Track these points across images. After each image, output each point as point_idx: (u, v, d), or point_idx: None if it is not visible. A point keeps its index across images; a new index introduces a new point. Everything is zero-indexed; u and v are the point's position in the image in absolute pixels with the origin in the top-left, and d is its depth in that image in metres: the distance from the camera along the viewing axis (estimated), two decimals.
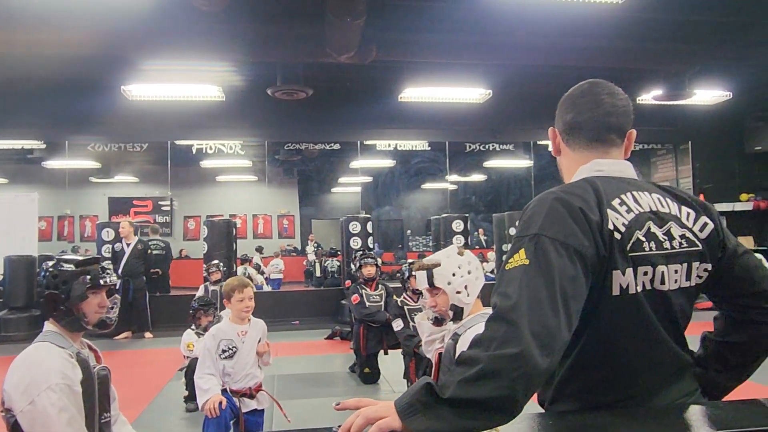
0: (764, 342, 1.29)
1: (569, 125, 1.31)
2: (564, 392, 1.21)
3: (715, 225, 1.24)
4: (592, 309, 1.13)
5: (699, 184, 10.96)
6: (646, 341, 1.17)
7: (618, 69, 7.92)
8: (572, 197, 1.15)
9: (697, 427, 1.06)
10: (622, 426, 1.03)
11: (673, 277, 1.18)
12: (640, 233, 1.16)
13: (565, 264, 1.06)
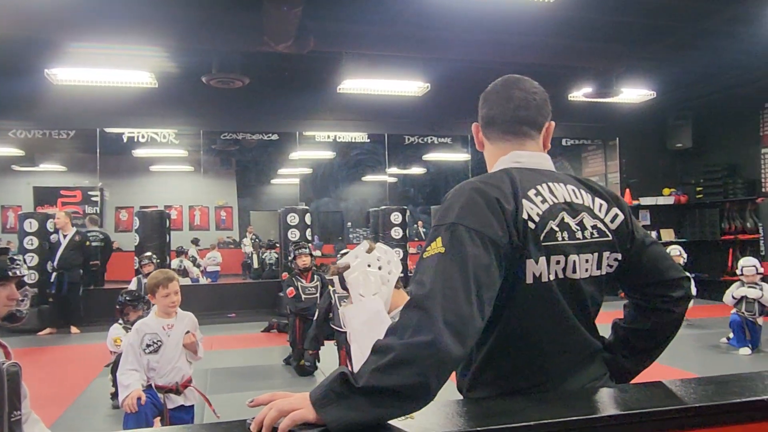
0: (668, 328, 1.37)
1: (485, 119, 1.36)
2: (481, 379, 1.24)
3: (625, 216, 1.29)
4: (507, 297, 1.16)
5: (625, 178, 11.45)
6: (558, 328, 1.21)
7: (552, 66, 8.16)
8: (489, 188, 1.17)
9: (603, 408, 1.11)
10: (533, 410, 1.07)
11: (584, 266, 1.23)
12: (554, 223, 1.20)
13: (480, 253, 1.08)
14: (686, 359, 6.24)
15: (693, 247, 10.59)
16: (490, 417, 1.05)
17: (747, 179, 9.94)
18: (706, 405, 1.14)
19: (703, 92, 10.08)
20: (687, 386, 1.26)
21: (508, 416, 1.04)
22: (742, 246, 9.95)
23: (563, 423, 1.03)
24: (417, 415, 1.01)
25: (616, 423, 1.07)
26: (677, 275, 1.35)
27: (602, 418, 1.06)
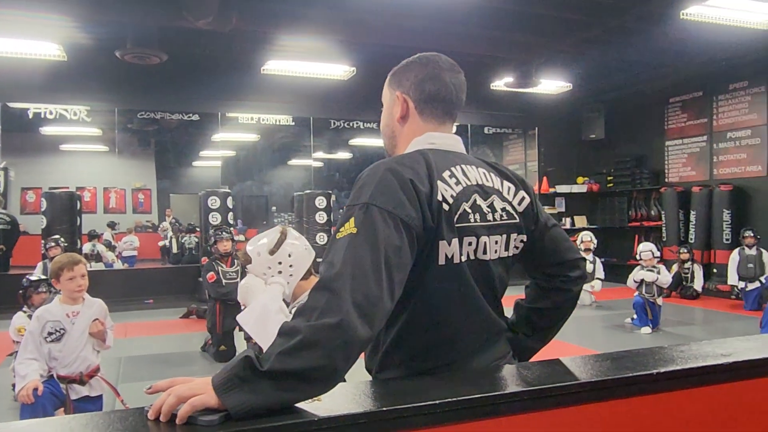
0: (566, 307, 1.43)
1: (431, 96, 1.31)
2: (390, 360, 1.25)
3: (531, 199, 1.33)
4: (419, 278, 1.18)
5: (543, 167, 11.91)
6: (467, 309, 1.24)
7: (475, 55, 8.32)
8: (404, 168, 1.17)
9: (507, 386, 1.14)
10: (438, 389, 1.09)
11: (493, 247, 1.26)
12: (467, 205, 1.22)
13: (392, 234, 1.09)
14: (594, 338, 6.61)
15: (603, 233, 11.21)
16: (396, 397, 1.06)
17: (653, 170, 10.57)
18: (601, 380, 1.20)
19: (615, 86, 10.59)
20: (585, 363, 1.32)
21: (413, 396, 1.05)
22: (647, 232, 10.60)
23: (467, 401, 1.06)
24: (324, 397, 1.01)
25: (518, 399, 1.11)
26: (575, 256, 1.42)
27: (505, 395, 1.10)
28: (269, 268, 2.04)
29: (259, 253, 2.06)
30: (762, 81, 8.75)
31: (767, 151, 8.69)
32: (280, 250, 2.06)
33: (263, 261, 2.04)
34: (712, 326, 7.25)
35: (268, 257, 2.04)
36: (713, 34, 7.11)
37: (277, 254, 2.05)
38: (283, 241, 2.09)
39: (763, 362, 1.37)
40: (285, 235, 2.13)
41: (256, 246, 2.09)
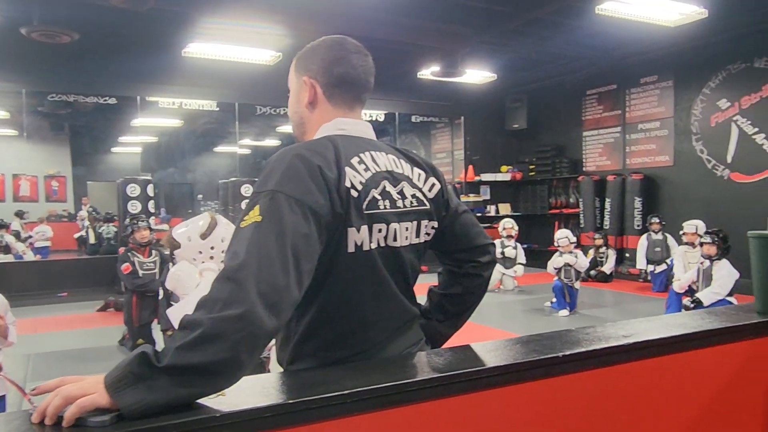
0: (477, 292, 1.46)
1: (339, 80, 1.28)
2: (302, 351, 1.23)
3: (442, 185, 1.34)
4: (328, 267, 1.16)
5: (469, 155, 12.15)
6: (378, 296, 1.23)
7: (402, 43, 8.34)
8: (312, 154, 1.14)
9: (417, 373, 1.15)
10: (349, 379, 1.08)
11: (404, 234, 1.25)
12: (376, 192, 1.21)
13: (299, 222, 1.06)
14: (516, 322, 6.84)
15: (526, 220, 11.59)
16: (304, 388, 1.04)
17: (571, 159, 11.01)
18: (510, 363, 1.23)
19: (536, 77, 10.93)
20: (495, 348, 1.35)
21: (322, 386, 1.04)
22: (566, 219, 11.05)
23: (377, 390, 1.06)
24: (229, 391, 0.98)
25: (428, 386, 1.12)
26: (485, 241, 1.44)
27: (415, 383, 1.10)
28: (200, 252, 1.99)
29: (189, 238, 2.00)
30: (670, 75, 9.26)
31: (674, 142, 9.24)
32: (213, 235, 2.01)
33: (194, 246, 1.98)
34: (622, 307, 7.66)
35: (200, 242, 1.98)
36: (626, 29, 7.45)
37: (210, 239, 2.00)
38: (215, 226, 2.04)
39: (660, 342, 1.45)
40: (216, 222, 2.08)
41: (186, 230, 2.03)
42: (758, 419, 1.64)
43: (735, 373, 1.61)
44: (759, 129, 8.09)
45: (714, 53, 8.48)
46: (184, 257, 1.99)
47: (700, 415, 1.54)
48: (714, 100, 8.63)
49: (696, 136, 8.90)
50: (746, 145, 8.24)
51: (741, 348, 1.61)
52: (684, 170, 9.08)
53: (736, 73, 8.33)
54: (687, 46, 8.55)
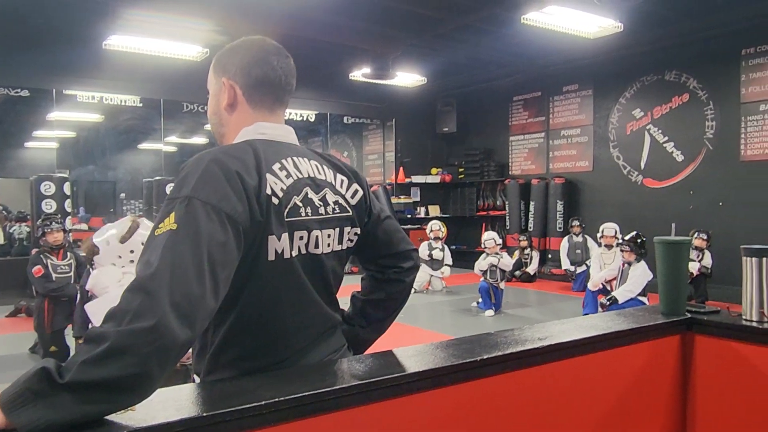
0: (399, 298, 1.47)
1: (260, 81, 1.25)
2: (219, 361, 1.20)
3: (364, 192, 1.34)
4: (247, 275, 1.13)
5: (400, 158, 12.26)
6: (299, 304, 1.22)
7: (334, 44, 8.32)
8: (231, 159, 1.11)
9: (335, 380, 1.14)
10: (266, 389, 1.06)
11: (326, 241, 1.24)
12: (298, 198, 1.19)
13: (216, 229, 1.03)
14: (443, 322, 6.96)
15: (455, 222, 11.83)
16: (219, 400, 1.01)
17: (499, 163, 11.32)
18: (430, 369, 1.25)
19: (466, 82, 11.18)
20: (417, 353, 1.37)
21: (239, 397, 1.02)
22: (493, 221, 11.35)
23: (295, 399, 1.04)
24: (139, 405, 0.94)
25: (349, 393, 1.12)
26: (407, 247, 1.45)
27: (335, 390, 1.10)
28: (119, 257, 1.91)
29: (108, 242, 1.92)
30: (589, 85, 9.71)
31: (593, 149, 9.68)
32: (132, 239, 1.94)
33: (113, 250, 1.91)
34: (545, 307, 7.95)
35: (118, 246, 1.91)
36: (550, 39, 7.74)
37: (129, 242, 1.93)
38: (135, 229, 1.97)
39: (573, 344, 1.52)
40: (137, 225, 2.01)
41: (105, 236, 1.95)
42: (662, 412, 1.74)
43: (642, 370, 1.70)
44: (669, 138, 8.62)
45: (629, 65, 8.96)
46: (103, 262, 1.91)
47: (611, 411, 1.62)
48: (629, 110, 9.12)
49: (613, 143, 9.37)
50: (658, 153, 8.74)
51: (647, 347, 1.70)
52: (602, 175, 9.53)
53: (649, 84, 8.83)
54: (605, 58, 8.99)
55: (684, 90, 8.40)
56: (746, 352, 1.61)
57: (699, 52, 8.15)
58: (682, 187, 8.45)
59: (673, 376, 1.74)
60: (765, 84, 7.52)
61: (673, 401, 1.74)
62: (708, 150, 8.15)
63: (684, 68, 8.37)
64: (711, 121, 8.11)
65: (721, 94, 7.98)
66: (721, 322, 1.67)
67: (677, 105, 8.49)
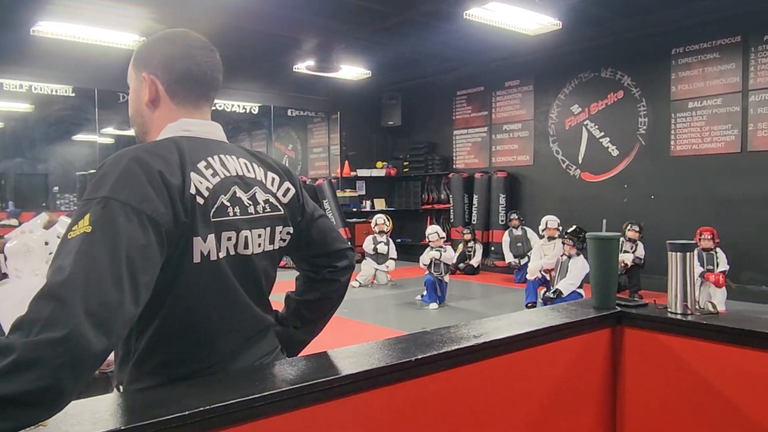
0: (334, 297, 1.45)
1: (183, 76, 1.20)
2: (142, 370, 1.14)
3: (297, 190, 1.30)
4: (171, 278, 1.08)
5: (345, 151, 12.21)
6: (227, 307, 1.18)
7: (278, 36, 8.18)
8: (153, 158, 1.06)
9: (265, 386, 1.11)
10: (191, 397, 1.02)
11: (256, 241, 1.21)
12: (225, 198, 1.15)
13: (135, 232, 0.98)
14: (388, 317, 6.99)
15: (400, 215, 11.89)
16: (141, 411, 0.97)
17: (443, 156, 11.43)
18: (364, 370, 1.23)
19: (410, 76, 11.22)
20: (351, 354, 1.35)
21: (162, 408, 0.97)
22: (438, 214, 11.47)
23: (222, 407, 1.01)
24: (53, 420, 0.88)
25: (279, 399, 1.09)
26: (342, 246, 1.43)
27: (264, 396, 1.07)
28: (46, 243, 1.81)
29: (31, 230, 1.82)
30: (530, 80, 9.92)
31: (533, 143, 9.91)
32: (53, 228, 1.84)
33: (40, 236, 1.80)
34: (489, 299, 8.10)
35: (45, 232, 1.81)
36: (492, 35, 7.85)
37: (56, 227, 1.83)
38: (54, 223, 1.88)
39: (508, 340, 1.53)
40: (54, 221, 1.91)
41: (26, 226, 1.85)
42: (593, 403, 1.79)
43: (575, 363, 1.74)
44: (605, 133, 8.91)
45: (568, 62, 9.20)
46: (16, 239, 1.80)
47: (545, 404, 1.65)
48: (568, 105, 9.37)
49: (552, 138, 9.61)
50: (594, 148, 9.03)
51: (580, 341, 1.74)
52: (542, 169, 9.77)
53: (586, 81, 9.10)
54: (545, 54, 9.20)
55: (619, 87, 8.69)
56: (671, 343, 1.67)
57: (633, 50, 8.45)
58: (617, 181, 8.76)
59: (604, 368, 1.79)
60: (693, 83, 7.88)
61: (603, 392, 1.79)
62: (641, 145, 8.48)
63: (619, 66, 8.67)
64: (644, 117, 8.43)
65: (652, 92, 8.31)
66: (648, 315, 1.73)
67: (612, 102, 8.79)
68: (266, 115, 12.36)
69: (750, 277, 7.25)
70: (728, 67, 7.54)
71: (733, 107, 7.50)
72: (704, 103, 7.78)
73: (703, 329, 1.61)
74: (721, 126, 7.62)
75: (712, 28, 7.61)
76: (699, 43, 7.78)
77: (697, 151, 7.86)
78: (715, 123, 7.68)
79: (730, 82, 7.53)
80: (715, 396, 1.58)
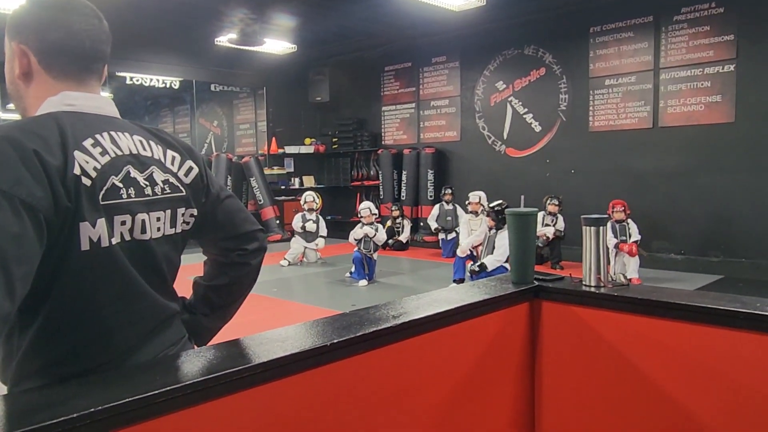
0: (245, 282, 1.37)
1: (56, 47, 1.08)
2: (28, 369, 1.04)
3: (200, 169, 1.22)
4: (55, 269, 0.98)
5: (272, 127, 11.93)
6: (123, 297, 1.09)
7: (199, 8, 7.81)
8: (27, 136, 0.95)
9: (167, 380, 1.03)
10: (81, 397, 0.93)
11: (155, 225, 1.12)
12: (117, 179, 1.05)
13: (7, 219, 0.88)
14: (318, 295, 6.94)
15: (329, 192, 11.79)
16: (25, 416, 0.87)
17: (372, 133, 11.39)
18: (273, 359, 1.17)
19: (338, 51, 11.04)
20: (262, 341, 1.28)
21: (48, 411, 0.88)
22: (368, 191, 11.46)
23: (115, 407, 0.93)
24: None
25: (182, 393, 1.02)
26: (252, 228, 1.35)
27: (165, 393, 0.99)
28: None
29: None
30: (456, 57, 9.98)
31: (460, 119, 10.02)
32: None
33: None
34: (417, 274, 8.20)
35: None
36: (419, 10, 7.81)
37: None
38: None
39: (428, 319, 1.52)
40: None
41: None
42: (513, 377, 1.82)
43: (495, 338, 1.75)
44: (528, 109, 9.12)
45: (492, 39, 9.32)
46: None
47: (466, 381, 1.66)
48: (493, 82, 9.51)
49: (479, 114, 9.75)
50: (518, 124, 9.24)
51: (499, 316, 1.76)
52: (469, 145, 9.91)
53: (510, 58, 9.26)
54: (470, 31, 9.27)
55: (541, 64, 8.90)
56: (585, 315, 1.71)
57: (554, 28, 8.65)
58: (539, 156, 9.01)
59: (523, 342, 1.82)
60: (609, 60, 8.17)
61: (523, 366, 1.82)
62: (562, 121, 8.74)
63: (540, 43, 8.86)
64: (564, 94, 8.68)
65: (572, 69, 8.56)
66: (564, 288, 1.76)
67: (535, 78, 8.99)
68: (188, 90, 11.87)
69: (660, 246, 7.68)
70: (641, 46, 7.86)
71: (646, 85, 7.85)
72: (619, 81, 8.09)
73: (614, 301, 1.65)
74: (635, 103, 7.96)
75: (627, 7, 7.89)
76: (615, 22, 8.06)
77: (613, 126, 8.18)
78: (629, 100, 8.01)
79: (643, 60, 7.85)
80: (627, 365, 1.64)
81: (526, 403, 1.85)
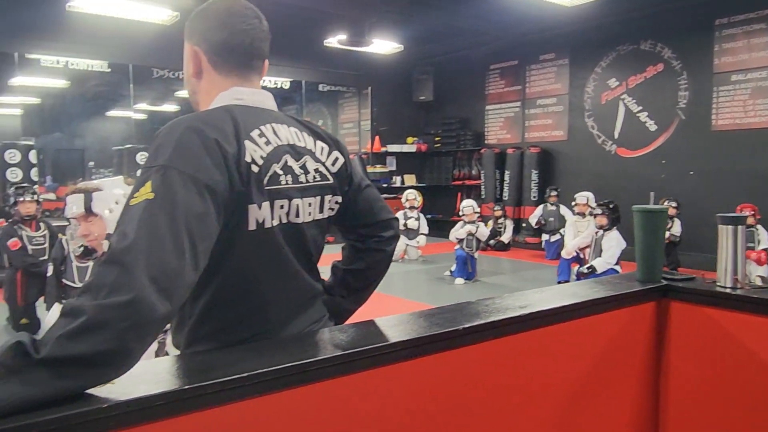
0: (380, 267, 1.45)
1: (221, 46, 1.20)
2: (199, 334, 1.17)
3: (345, 159, 1.31)
4: (227, 246, 1.10)
5: (376, 126, 12.16)
6: (279, 274, 1.20)
7: (308, 9, 8.14)
8: (208, 127, 1.07)
9: (317, 351, 1.13)
10: (248, 360, 1.04)
11: (307, 210, 1.22)
12: (278, 166, 1.16)
13: (193, 200, 1.00)
14: (418, 291, 7.02)
15: (430, 191, 11.84)
16: (200, 372, 0.99)
17: (475, 132, 11.31)
18: (413, 338, 1.24)
19: (443, 50, 11.06)
20: (399, 322, 1.36)
21: (221, 370, 1.00)
22: (468, 190, 11.39)
23: (277, 370, 1.03)
24: (118, 379, 0.91)
25: (331, 364, 1.11)
26: (388, 216, 1.43)
27: (317, 361, 1.09)
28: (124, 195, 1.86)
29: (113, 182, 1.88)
30: (566, 54, 9.69)
31: (568, 118, 9.72)
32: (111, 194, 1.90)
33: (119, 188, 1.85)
34: (519, 275, 8.07)
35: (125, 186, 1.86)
36: (527, 6, 7.67)
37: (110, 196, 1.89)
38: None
39: (553, 311, 1.53)
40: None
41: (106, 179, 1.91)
42: (636, 377, 1.78)
43: (619, 336, 1.73)
44: (642, 108, 8.69)
45: (605, 34, 8.95)
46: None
47: (588, 377, 1.65)
48: (605, 79, 9.15)
49: (588, 112, 9.42)
50: (631, 123, 8.82)
51: (624, 313, 1.73)
52: (577, 145, 9.60)
53: (625, 54, 8.86)
54: (582, 27, 8.96)
55: (658, 60, 8.44)
56: (719, 317, 1.64)
57: (674, 22, 8.18)
58: (654, 157, 8.56)
59: (649, 342, 1.78)
60: (737, 54, 7.60)
61: (647, 366, 1.78)
62: (680, 120, 8.25)
63: (659, 38, 8.40)
64: (684, 91, 8.18)
65: (694, 64, 8.05)
66: (696, 288, 1.70)
67: (652, 75, 8.54)
68: (297, 90, 12.36)
69: None
70: None
71: None
72: (748, 76, 7.51)
73: (753, 303, 1.57)
74: (766, 99, 7.36)
75: None
76: (744, 13, 7.48)
77: (739, 125, 7.61)
78: (759, 96, 7.42)
79: None
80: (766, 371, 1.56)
81: (650, 404, 1.80)
